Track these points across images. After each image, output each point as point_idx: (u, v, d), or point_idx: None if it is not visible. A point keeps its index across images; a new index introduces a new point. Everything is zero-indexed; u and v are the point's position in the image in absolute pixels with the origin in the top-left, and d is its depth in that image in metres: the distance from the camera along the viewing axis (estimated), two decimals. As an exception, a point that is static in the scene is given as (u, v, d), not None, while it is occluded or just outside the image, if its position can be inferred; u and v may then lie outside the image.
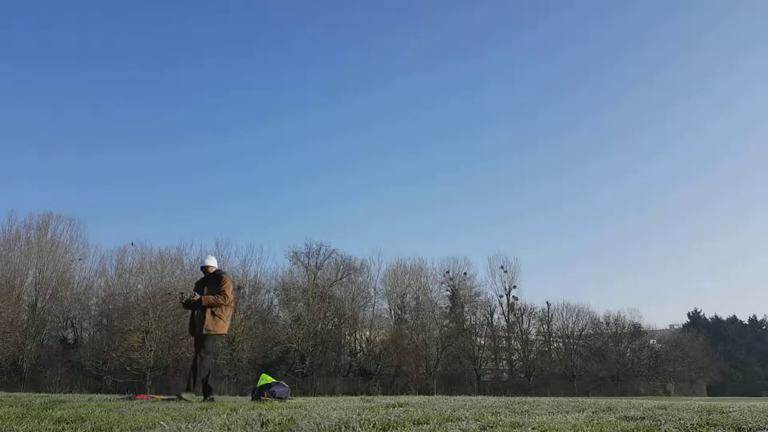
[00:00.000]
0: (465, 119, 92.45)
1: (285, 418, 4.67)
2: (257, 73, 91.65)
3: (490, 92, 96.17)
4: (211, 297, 8.58)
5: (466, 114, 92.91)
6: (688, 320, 68.26)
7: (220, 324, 8.53)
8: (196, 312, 8.62)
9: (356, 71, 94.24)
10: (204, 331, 8.39)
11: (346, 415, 4.93)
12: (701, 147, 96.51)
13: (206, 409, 5.85)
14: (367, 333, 45.12)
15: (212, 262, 9.12)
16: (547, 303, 50.11)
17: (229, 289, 8.67)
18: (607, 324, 50.82)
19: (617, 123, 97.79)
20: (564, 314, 50.11)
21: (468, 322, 48.42)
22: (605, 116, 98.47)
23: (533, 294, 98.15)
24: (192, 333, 8.75)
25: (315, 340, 41.16)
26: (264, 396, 7.76)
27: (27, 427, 4.38)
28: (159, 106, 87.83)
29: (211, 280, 8.85)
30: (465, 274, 50.61)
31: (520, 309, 49.49)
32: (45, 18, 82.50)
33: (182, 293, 9.07)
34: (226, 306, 8.63)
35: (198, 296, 8.63)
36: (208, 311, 8.49)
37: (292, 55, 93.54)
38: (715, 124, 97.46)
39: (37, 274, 42.40)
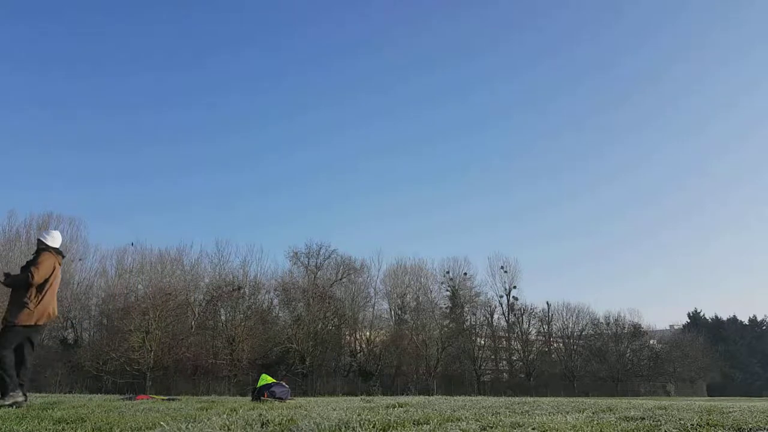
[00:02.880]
0: (465, 120, 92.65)
1: (285, 419, 4.66)
2: (258, 73, 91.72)
3: (490, 93, 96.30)
4: (13, 275, 7.10)
5: (466, 114, 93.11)
6: (688, 320, 68.17)
7: (25, 313, 6.83)
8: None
9: (356, 72, 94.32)
10: (3, 322, 6.89)
11: (346, 415, 4.93)
12: (701, 147, 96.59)
13: (206, 410, 5.84)
14: (367, 333, 45.05)
15: (42, 236, 7.31)
16: (547, 303, 50.12)
17: (38, 268, 6.89)
18: (607, 324, 50.76)
19: (618, 123, 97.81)
20: (564, 314, 50.12)
21: (468, 323, 48.35)
22: (606, 116, 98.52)
23: (533, 294, 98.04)
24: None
25: (315, 341, 41.08)
26: (264, 396, 7.76)
27: (27, 427, 4.38)
28: (159, 106, 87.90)
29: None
30: (465, 274, 50.60)
31: (520, 309, 49.44)
32: (45, 18, 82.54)
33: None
34: (35, 288, 6.92)
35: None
36: (14, 295, 6.96)
37: (293, 56, 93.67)
38: (716, 124, 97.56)
39: (37, 275, 42.32)
